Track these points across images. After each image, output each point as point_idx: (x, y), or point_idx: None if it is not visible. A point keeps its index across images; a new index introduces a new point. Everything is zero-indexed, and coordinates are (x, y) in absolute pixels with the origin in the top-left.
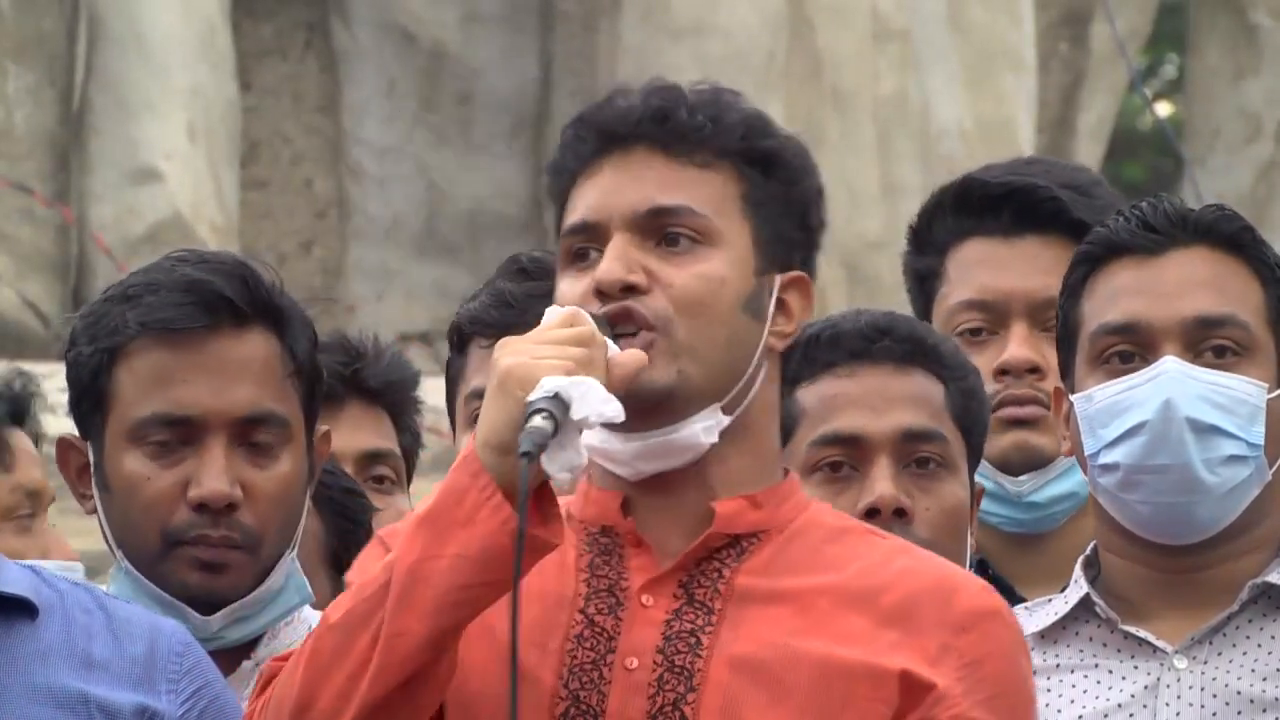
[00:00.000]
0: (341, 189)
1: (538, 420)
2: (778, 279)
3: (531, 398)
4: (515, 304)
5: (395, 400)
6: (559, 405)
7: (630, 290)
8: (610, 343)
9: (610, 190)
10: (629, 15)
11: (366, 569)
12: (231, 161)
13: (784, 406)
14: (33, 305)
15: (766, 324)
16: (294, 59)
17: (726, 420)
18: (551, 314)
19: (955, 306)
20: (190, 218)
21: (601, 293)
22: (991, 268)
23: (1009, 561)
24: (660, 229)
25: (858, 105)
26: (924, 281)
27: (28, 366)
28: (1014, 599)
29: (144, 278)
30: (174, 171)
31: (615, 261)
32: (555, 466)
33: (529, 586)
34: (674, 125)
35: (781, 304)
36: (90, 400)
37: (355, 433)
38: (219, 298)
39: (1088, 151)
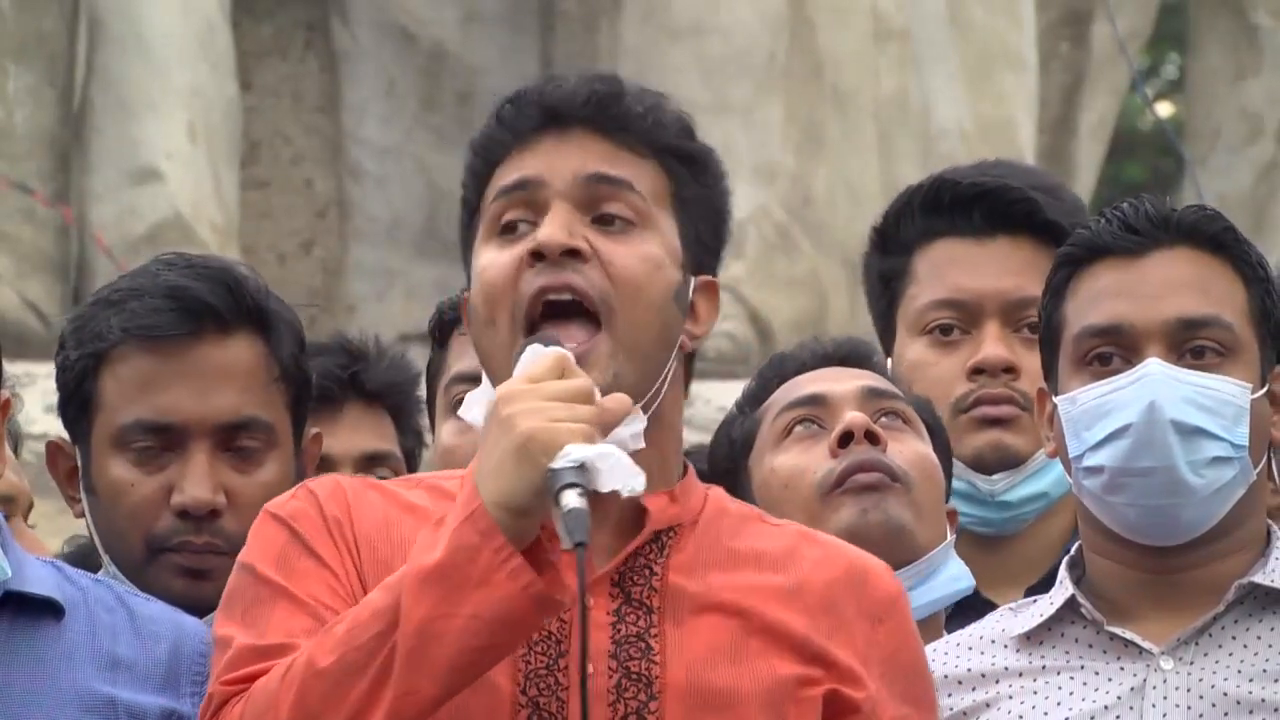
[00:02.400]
0: (342, 189)
1: (575, 499)
2: (693, 280)
3: (556, 466)
4: None
5: (396, 401)
6: (585, 475)
7: (572, 255)
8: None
9: (551, 158)
10: (629, 15)
11: (267, 550)
12: (232, 161)
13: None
14: (33, 305)
15: (685, 321)
16: (294, 59)
17: (644, 422)
18: (535, 356)
19: (927, 305)
20: (190, 217)
21: (538, 255)
22: (964, 268)
23: (976, 562)
24: (599, 201)
25: (858, 105)
26: (889, 282)
27: (29, 367)
28: (981, 602)
29: (130, 283)
30: (174, 171)
31: (558, 226)
32: (565, 532)
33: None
34: (616, 112)
35: (692, 306)
36: (77, 405)
37: (355, 435)
38: (202, 304)
39: (1088, 152)
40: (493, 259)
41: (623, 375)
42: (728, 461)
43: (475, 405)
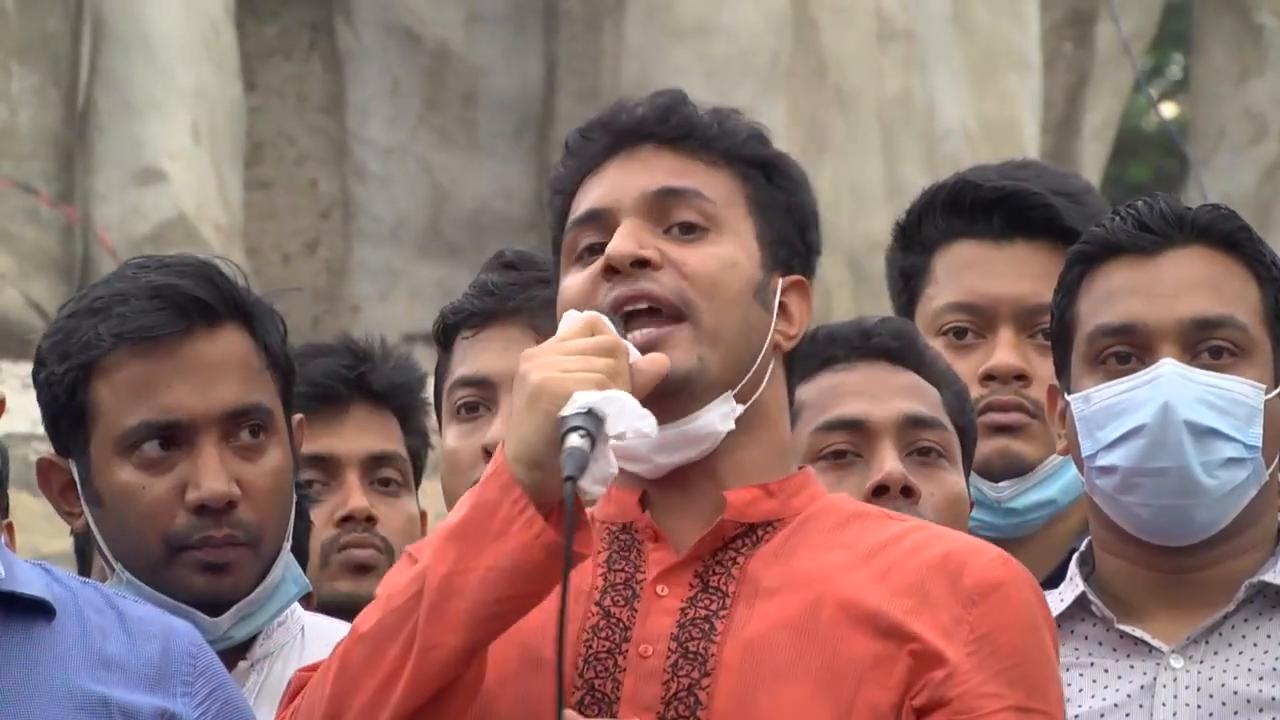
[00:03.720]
0: (346, 189)
1: (576, 440)
2: (780, 280)
3: (564, 413)
4: (497, 293)
5: (402, 402)
6: (593, 421)
7: (642, 265)
8: (632, 348)
9: (618, 181)
10: (633, 16)
11: (395, 582)
12: (236, 162)
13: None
14: (37, 305)
15: (774, 316)
16: (298, 59)
17: (740, 408)
18: (570, 319)
19: (942, 307)
20: (194, 218)
21: (612, 269)
22: (981, 271)
23: None
24: (669, 212)
25: (862, 105)
26: (909, 279)
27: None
28: None
29: (109, 289)
30: (178, 172)
31: (626, 238)
32: (589, 480)
33: None
34: (679, 121)
35: (783, 306)
36: (70, 418)
37: (361, 435)
38: (190, 300)
39: (1092, 152)
40: (570, 283)
41: (707, 361)
42: None
43: None
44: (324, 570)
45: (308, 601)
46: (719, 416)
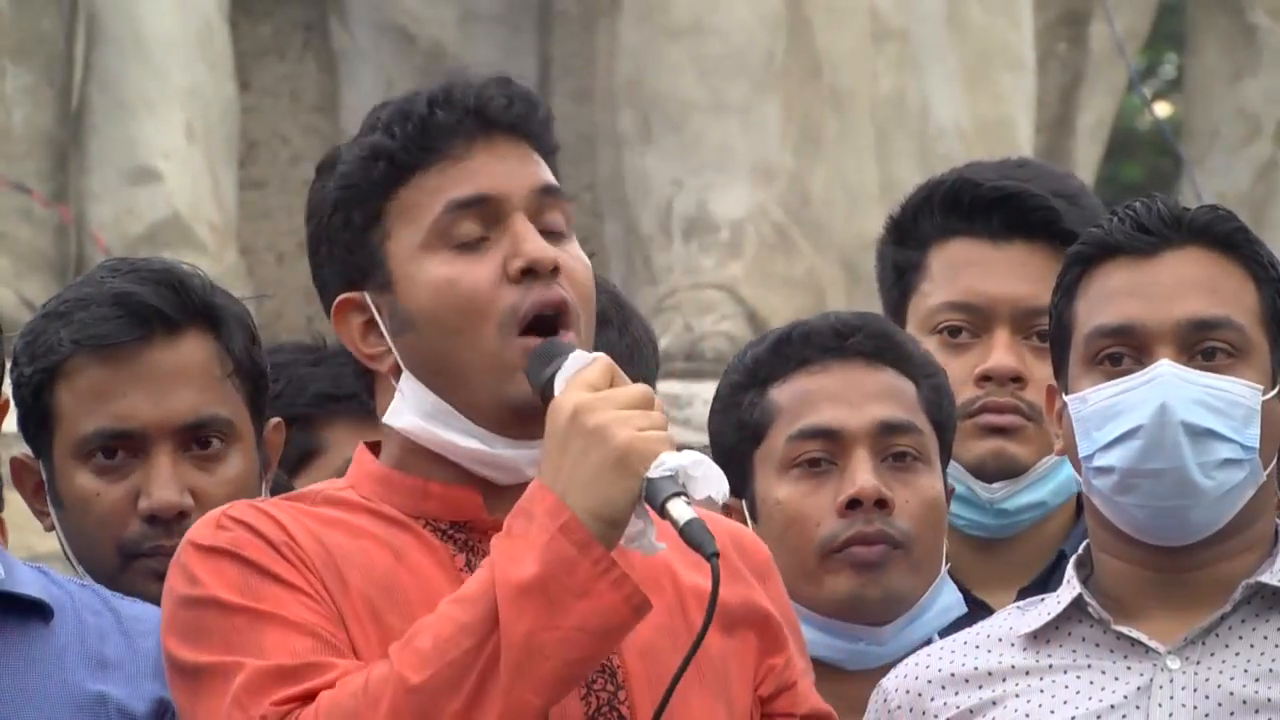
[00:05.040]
0: None
1: (686, 509)
2: None
3: (654, 476)
4: None
5: None
6: (678, 485)
7: (556, 271)
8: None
9: (503, 170)
10: (628, 15)
11: (221, 582)
12: (230, 161)
13: (756, 405)
14: (31, 305)
15: None
16: (292, 59)
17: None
18: (581, 362)
19: (938, 305)
20: (189, 217)
21: (530, 273)
22: (978, 270)
23: (968, 564)
24: (543, 211)
25: (856, 105)
26: (902, 274)
27: None
28: (972, 602)
29: (75, 293)
30: (172, 171)
31: (541, 242)
32: (650, 540)
33: (394, 588)
34: (539, 116)
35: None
36: (35, 420)
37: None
38: (148, 308)
39: (1086, 151)
40: (463, 271)
41: None
42: (737, 445)
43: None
44: None
45: None
46: None
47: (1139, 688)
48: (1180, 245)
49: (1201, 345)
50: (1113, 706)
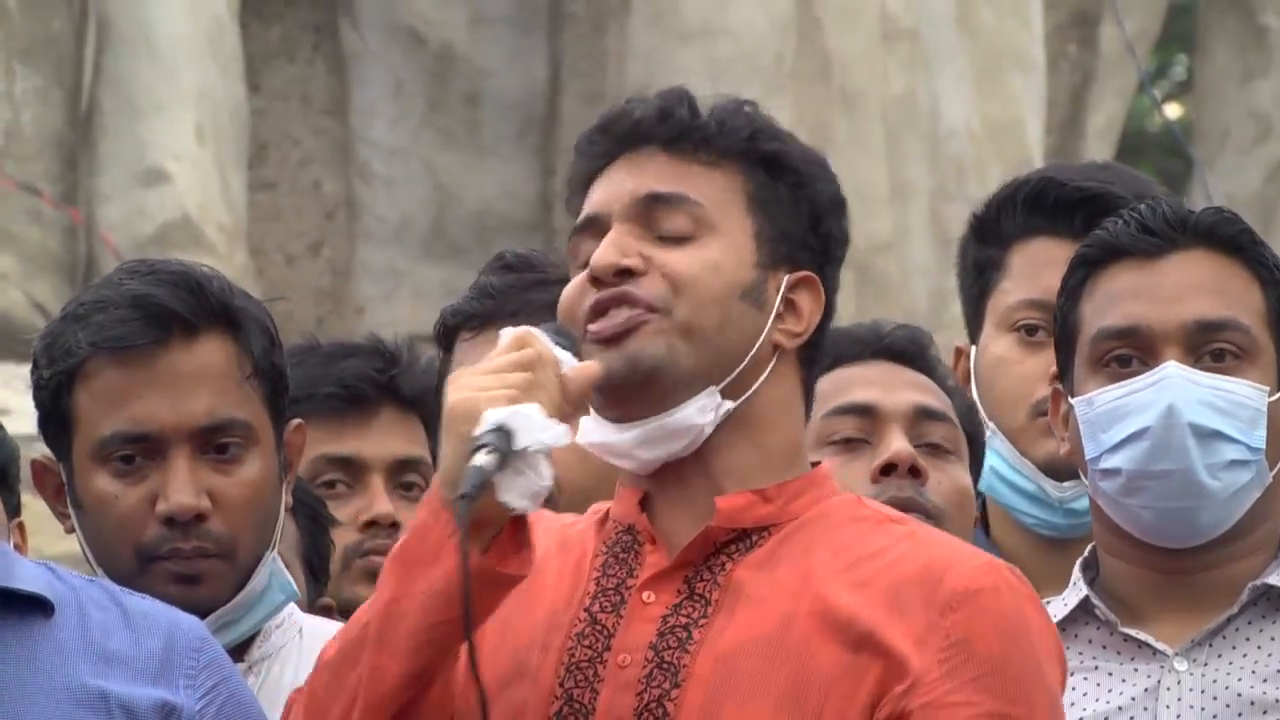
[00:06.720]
0: (350, 190)
1: (480, 457)
2: (785, 277)
3: (475, 433)
4: (495, 295)
5: (431, 407)
6: (503, 437)
7: (624, 274)
8: (566, 356)
9: (612, 186)
10: (638, 17)
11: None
12: (240, 163)
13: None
14: (40, 306)
15: (770, 316)
16: (302, 61)
17: (728, 405)
18: (504, 336)
19: (1018, 303)
20: (198, 219)
21: (596, 279)
22: (1059, 270)
23: (1037, 563)
24: (657, 218)
25: (866, 106)
26: (983, 271)
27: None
28: None
29: (94, 295)
30: (182, 173)
31: (609, 247)
32: (513, 496)
33: (533, 588)
34: (675, 123)
35: (791, 303)
36: (55, 422)
37: (387, 439)
38: (166, 310)
39: (1096, 152)
40: (567, 287)
41: (678, 352)
42: None
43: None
44: (344, 575)
45: (328, 610)
46: (698, 410)
47: (1146, 689)
48: (1186, 247)
49: (1208, 347)
50: (1120, 708)
